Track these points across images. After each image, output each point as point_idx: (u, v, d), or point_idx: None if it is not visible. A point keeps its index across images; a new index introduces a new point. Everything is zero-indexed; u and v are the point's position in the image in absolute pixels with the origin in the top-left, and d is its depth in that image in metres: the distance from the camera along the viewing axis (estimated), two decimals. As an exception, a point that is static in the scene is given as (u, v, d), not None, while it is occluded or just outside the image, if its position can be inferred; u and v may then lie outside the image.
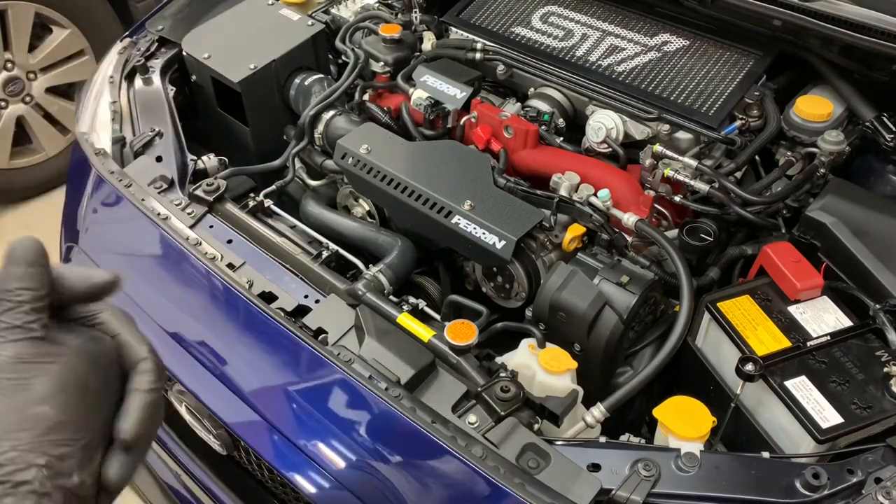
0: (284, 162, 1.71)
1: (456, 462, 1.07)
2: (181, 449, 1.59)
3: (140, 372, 0.70)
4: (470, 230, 1.35)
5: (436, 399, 1.16)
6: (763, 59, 1.59)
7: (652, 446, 1.14)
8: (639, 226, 1.36)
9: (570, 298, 1.26)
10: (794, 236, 1.34)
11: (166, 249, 1.46)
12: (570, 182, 1.45)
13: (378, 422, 1.16)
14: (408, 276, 1.48)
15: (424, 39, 1.84)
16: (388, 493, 1.12)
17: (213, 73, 1.76)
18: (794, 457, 1.10)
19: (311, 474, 1.18)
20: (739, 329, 1.22)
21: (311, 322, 1.28)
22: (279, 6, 1.93)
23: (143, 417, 0.67)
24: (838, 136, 1.42)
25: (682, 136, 1.54)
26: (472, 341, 1.22)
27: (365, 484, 1.14)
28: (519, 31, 1.76)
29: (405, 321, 1.28)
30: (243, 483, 1.46)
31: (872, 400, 1.11)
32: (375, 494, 1.13)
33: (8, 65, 3.03)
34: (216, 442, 1.36)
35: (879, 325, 1.19)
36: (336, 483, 1.16)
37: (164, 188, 1.54)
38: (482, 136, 1.56)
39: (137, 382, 0.69)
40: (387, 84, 1.77)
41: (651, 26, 1.71)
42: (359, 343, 1.25)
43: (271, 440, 1.22)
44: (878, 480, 1.01)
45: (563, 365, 1.21)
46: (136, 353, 0.72)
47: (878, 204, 1.33)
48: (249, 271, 1.40)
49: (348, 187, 1.64)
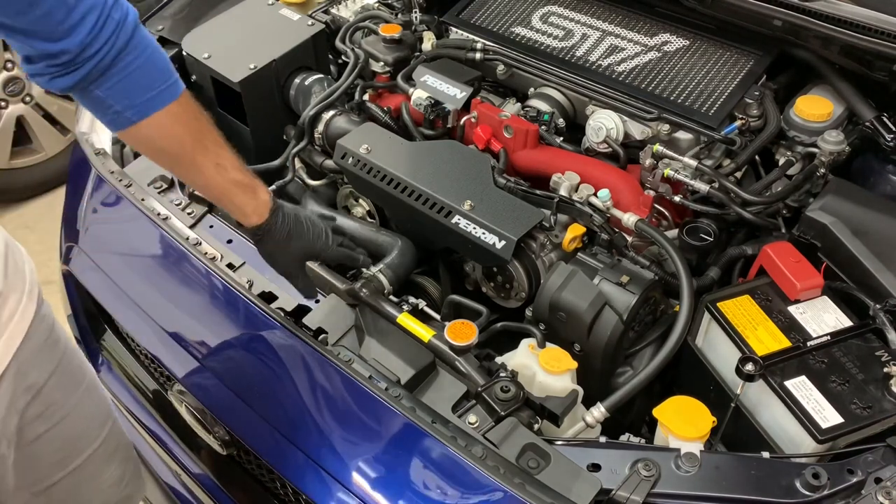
0: (284, 162, 1.71)
1: (456, 462, 1.07)
2: (181, 449, 1.59)
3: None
4: (470, 230, 1.35)
5: (436, 399, 1.16)
6: (763, 59, 1.59)
7: (652, 446, 1.14)
8: (639, 226, 1.36)
9: (570, 298, 1.26)
10: (794, 236, 1.34)
11: (166, 249, 1.46)
12: (570, 182, 1.45)
13: (378, 422, 1.16)
14: (408, 276, 1.48)
15: (424, 39, 1.84)
16: (388, 493, 1.12)
17: (213, 73, 1.76)
18: (794, 457, 1.10)
19: (310, 474, 1.18)
20: (739, 329, 1.22)
21: (311, 322, 1.29)
22: (279, 6, 1.93)
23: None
24: (838, 136, 1.42)
25: (682, 136, 1.54)
26: (472, 341, 1.22)
27: (365, 484, 1.14)
28: (519, 31, 1.76)
29: (405, 321, 1.28)
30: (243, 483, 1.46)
31: (872, 400, 1.11)
32: (375, 494, 1.13)
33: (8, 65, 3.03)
34: (216, 442, 1.36)
35: (879, 325, 1.19)
36: (336, 483, 1.16)
37: (164, 188, 1.54)
38: (482, 136, 1.56)
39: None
40: (387, 84, 1.77)
41: (651, 26, 1.71)
42: (359, 343, 1.25)
43: (271, 440, 1.22)
44: (878, 480, 1.01)
45: (563, 365, 1.21)
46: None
47: (878, 204, 1.33)
48: (249, 271, 1.40)
49: (348, 187, 1.64)
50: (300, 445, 1.19)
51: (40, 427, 1.18)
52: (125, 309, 1.47)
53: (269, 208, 1.21)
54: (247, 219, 1.21)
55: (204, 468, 1.54)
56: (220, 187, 1.17)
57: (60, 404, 1.21)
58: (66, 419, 1.22)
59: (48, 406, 1.18)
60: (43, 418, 1.18)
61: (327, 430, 1.19)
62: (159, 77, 1.04)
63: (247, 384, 1.28)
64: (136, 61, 1.01)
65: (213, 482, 1.52)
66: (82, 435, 1.29)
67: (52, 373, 1.18)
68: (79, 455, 1.28)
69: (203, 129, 1.12)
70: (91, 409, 1.31)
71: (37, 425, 1.17)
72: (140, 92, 1.03)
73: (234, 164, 1.17)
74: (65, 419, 1.22)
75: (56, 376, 1.19)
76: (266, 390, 1.27)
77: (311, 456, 1.18)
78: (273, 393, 1.26)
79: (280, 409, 1.24)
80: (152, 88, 1.04)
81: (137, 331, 1.48)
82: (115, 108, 1.02)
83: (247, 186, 1.19)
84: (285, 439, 1.20)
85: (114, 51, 0.97)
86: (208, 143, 1.13)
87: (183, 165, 1.14)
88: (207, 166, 1.13)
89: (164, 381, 1.57)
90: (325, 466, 1.17)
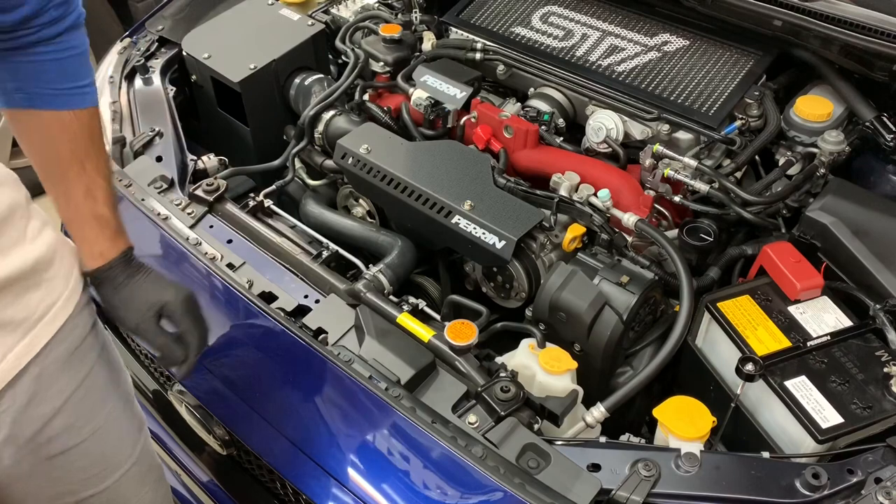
0: (284, 162, 1.71)
1: (456, 462, 1.07)
2: (181, 449, 1.59)
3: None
4: (470, 230, 1.35)
5: (436, 399, 1.16)
6: (763, 59, 1.59)
7: (652, 446, 1.14)
8: (639, 226, 1.36)
9: (570, 298, 1.26)
10: (794, 236, 1.34)
11: (166, 249, 1.46)
12: (570, 182, 1.45)
13: (378, 422, 1.16)
14: (408, 276, 1.48)
15: (424, 39, 1.84)
16: (387, 492, 1.12)
17: (213, 73, 1.76)
18: (794, 457, 1.10)
19: (310, 474, 1.18)
20: (739, 329, 1.22)
21: (311, 322, 1.28)
22: (279, 6, 1.93)
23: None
24: (838, 136, 1.42)
25: (682, 136, 1.54)
26: (472, 341, 1.22)
27: (364, 484, 1.14)
28: (519, 31, 1.76)
29: (405, 321, 1.28)
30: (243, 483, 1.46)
31: (872, 400, 1.11)
32: (375, 494, 1.13)
33: (8, 65, 3.03)
34: (216, 442, 1.36)
35: (879, 325, 1.19)
36: (336, 483, 1.16)
37: (164, 188, 1.54)
38: (482, 136, 1.56)
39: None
40: (387, 84, 1.77)
41: (651, 26, 1.71)
42: (359, 343, 1.25)
43: (271, 440, 1.22)
44: (878, 480, 1.01)
45: (563, 365, 1.21)
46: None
47: (878, 204, 1.33)
48: (249, 271, 1.39)
49: (348, 187, 1.64)
50: (300, 445, 1.19)
51: (68, 440, 1.12)
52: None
53: (120, 250, 1.10)
54: (91, 258, 1.10)
55: (204, 468, 1.54)
56: (79, 213, 1.08)
57: (88, 418, 1.14)
58: (96, 434, 1.16)
59: (77, 419, 1.12)
60: (70, 431, 1.12)
61: (327, 430, 1.19)
62: (67, 80, 1.02)
63: (247, 384, 1.28)
64: (52, 53, 0.99)
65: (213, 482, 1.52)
66: (115, 452, 1.22)
67: (80, 384, 1.12)
68: (111, 474, 1.21)
69: (91, 153, 1.06)
70: (124, 425, 1.23)
71: (64, 438, 1.12)
72: (39, 83, 1.01)
73: (106, 201, 1.09)
74: (95, 434, 1.16)
75: (83, 389, 1.12)
76: (266, 390, 1.27)
77: (310, 456, 1.18)
78: (273, 393, 1.26)
79: (280, 409, 1.24)
80: (53, 86, 1.01)
81: (137, 331, 1.48)
82: (9, 84, 1.01)
83: (107, 225, 1.09)
84: (285, 439, 1.20)
85: (40, 35, 0.97)
86: (89, 166, 1.06)
87: (52, 175, 1.08)
88: (77, 187, 1.07)
89: (164, 381, 1.57)
90: (325, 466, 1.17)
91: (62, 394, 1.10)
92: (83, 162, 1.06)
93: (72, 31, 1.01)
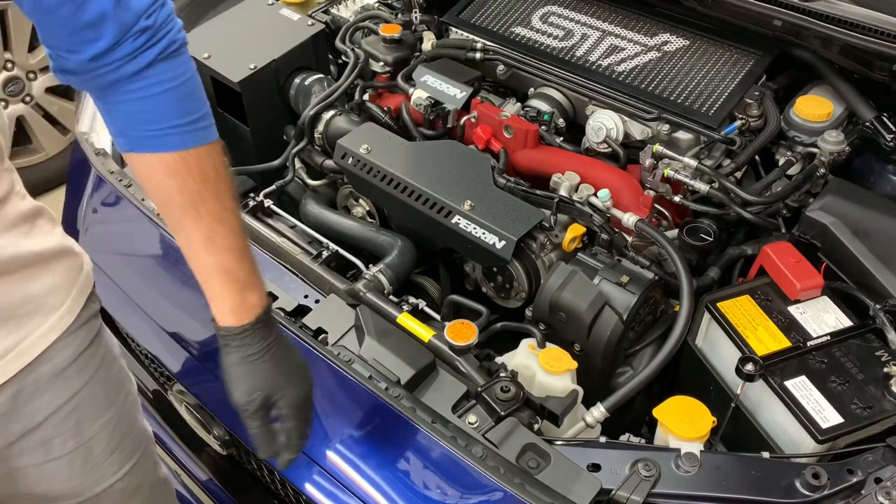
0: (284, 162, 1.71)
1: (456, 462, 1.07)
2: (181, 449, 1.59)
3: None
4: (470, 230, 1.35)
5: (436, 399, 1.16)
6: (763, 59, 1.59)
7: (652, 446, 1.14)
8: (639, 226, 1.36)
9: (570, 298, 1.26)
10: (794, 236, 1.34)
11: (166, 249, 1.46)
12: (570, 182, 1.45)
13: (378, 422, 1.16)
14: (408, 276, 1.48)
15: (424, 39, 1.84)
16: (387, 492, 1.12)
17: (213, 73, 1.76)
18: (794, 457, 1.10)
19: (310, 474, 1.18)
20: (739, 329, 1.22)
21: (311, 322, 1.28)
22: (279, 6, 1.93)
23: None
24: (838, 136, 1.42)
25: (682, 136, 1.54)
26: (472, 341, 1.22)
27: (364, 484, 1.14)
28: (519, 31, 1.76)
29: (405, 321, 1.28)
30: (243, 483, 1.46)
31: (872, 400, 1.11)
32: (375, 494, 1.13)
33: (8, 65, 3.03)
34: (216, 442, 1.36)
35: (879, 325, 1.19)
36: (336, 483, 1.16)
37: (164, 188, 1.54)
38: (482, 136, 1.56)
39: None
40: (387, 84, 1.77)
41: (651, 26, 1.71)
42: (359, 343, 1.25)
43: (271, 440, 1.22)
44: (878, 480, 1.01)
45: (563, 365, 1.21)
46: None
47: (878, 204, 1.33)
48: (249, 271, 1.39)
49: (348, 187, 1.64)
50: (300, 445, 1.19)
51: (44, 455, 1.08)
52: (125, 309, 1.47)
53: (255, 315, 0.98)
54: (221, 315, 0.99)
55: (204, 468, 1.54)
56: (203, 264, 0.97)
57: (68, 437, 1.10)
58: (76, 452, 1.11)
59: (55, 436, 1.08)
60: (47, 447, 1.08)
61: (327, 430, 1.19)
62: (164, 119, 0.90)
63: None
64: (140, 91, 0.88)
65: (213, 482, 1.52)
66: (96, 469, 1.16)
67: (64, 402, 1.07)
68: (91, 488, 1.16)
69: (207, 196, 0.94)
70: (114, 443, 1.16)
71: (38, 453, 1.08)
72: (133, 125, 0.90)
73: (229, 247, 0.97)
74: (74, 451, 1.11)
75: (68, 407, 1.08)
76: (266, 390, 1.27)
77: (310, 456, 1.18)
78: (273, 393, 1.26)
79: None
80: (150, 127, 0.90)
81: (137, 331, 1.48)
82: (111, 128, 0.93)
83: (235, 279, 0.97)
84: (285, 439, 1.20)
85: (120, 73, 0.87)
86: (203, 212, 0.94)
87: (171, 223, 0.98)
88: (196, 236, 0.96)
89: (164, 381, 1.57)
90: (325, 466, 1.17)
91: (40, 412, 1.05)
92: (197, 207, 0.94)
93: (163, 63, 0.89)
